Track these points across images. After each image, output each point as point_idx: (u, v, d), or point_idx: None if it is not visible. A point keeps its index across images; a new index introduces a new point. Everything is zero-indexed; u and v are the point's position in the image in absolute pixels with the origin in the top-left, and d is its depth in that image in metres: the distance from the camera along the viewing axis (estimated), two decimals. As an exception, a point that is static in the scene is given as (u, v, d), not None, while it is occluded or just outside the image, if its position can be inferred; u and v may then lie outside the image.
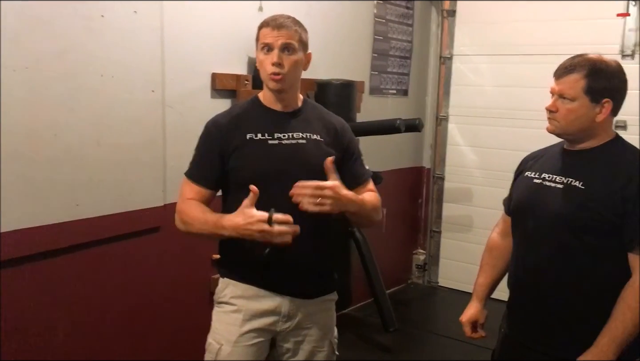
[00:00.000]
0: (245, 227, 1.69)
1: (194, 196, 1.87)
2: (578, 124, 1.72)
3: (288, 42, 1.79)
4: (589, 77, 1.69)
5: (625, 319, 1.63)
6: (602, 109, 1.70)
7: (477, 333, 2.04)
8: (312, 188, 1.70)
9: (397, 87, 4.45)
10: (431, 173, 4.83)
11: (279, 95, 1.87)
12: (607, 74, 1.71)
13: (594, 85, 1.69)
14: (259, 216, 1.68)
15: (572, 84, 1.70)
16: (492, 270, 2.05)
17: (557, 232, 1.74)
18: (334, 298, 2.04)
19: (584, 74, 1.70)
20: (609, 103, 1.70)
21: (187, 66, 2.85)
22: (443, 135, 4.74)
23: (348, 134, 1.99)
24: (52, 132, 2.32)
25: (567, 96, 1.71)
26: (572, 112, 1.71)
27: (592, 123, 1.72)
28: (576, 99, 1.70)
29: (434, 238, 4.88)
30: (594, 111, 1.71)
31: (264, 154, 1.83)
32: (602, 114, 1.71)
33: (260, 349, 1.90)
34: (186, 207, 1.86)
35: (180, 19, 2.78)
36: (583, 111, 1.71)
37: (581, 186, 1.72)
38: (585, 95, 1.69)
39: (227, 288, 1.93)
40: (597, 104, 1.70)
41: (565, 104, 1.72)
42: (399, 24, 4.36)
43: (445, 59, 4.65)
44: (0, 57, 2.13)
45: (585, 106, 1.70)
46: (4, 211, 2.20)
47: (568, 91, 1.71)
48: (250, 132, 1.85)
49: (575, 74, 1.71)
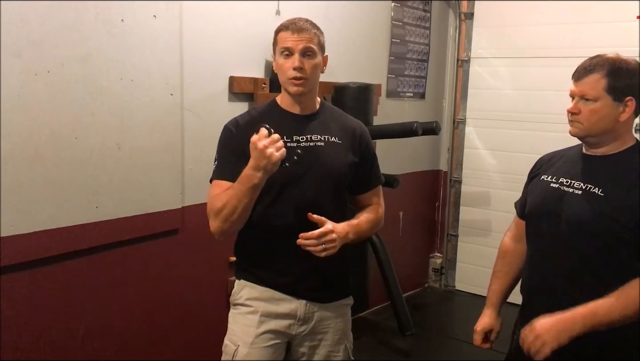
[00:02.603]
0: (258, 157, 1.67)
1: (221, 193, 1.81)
2: (602, 124, 1.69)
3: (308, 47, 1.79)
4: (609, 76, 1.66)
5: (616, 303, 1.58)
6: (626, 108, 1.67)
7: (487, 343, 2.01)
8: (316, 238, 1.73)
9: (414, 90, 4.44)
10: (448, 176, 4.80)
11: (298, 98, 1.87)
12: (628, 72, 1.67)
13: (616, 84, 1.65)
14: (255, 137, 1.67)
15: (593, 84, 1.67)
16: (506, 277, 2.02)
17: (574, 238, 1.71)
18: (349, 302, 2.04)
19: (604, 73, 1.66)
20: (632, 102, 1.67)
21: (205, 70, 2.87)
22: (460, 138, 4.72)
23: (366, 137, 1.99)
24: (74, 135, 2.36)
25: (589, 96, 1.67)
26: (595, 113, 1.67)
27: (615, 123, 1.68)
28: (598, 99, 1.66)
29: (451, 241, 4.86)
30: (617, 111, 1.67)
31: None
32: (626, 113, 1.67)
33: (276, 351, 1.91)
34: (214, 200, 1.81)
35: (199, 23, 2.81)
36: (606, 111, 1.67)
37: (600, 193, 1.68)
38: (608, 94, 1.66)
39: (244, 289, 1.94)
40: (620, 103, 1.67)
41: (587, 105, 1.68)
42: (416, 26, 4.35)
43: (463, 61, 4.63)
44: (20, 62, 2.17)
45: (608, 106, 1.67)
46: (27, 213, 2.24)
47: (589, 92, 1.67)
48: None
49: (595, 74, 1.67)
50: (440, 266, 4.87)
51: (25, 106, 2.19)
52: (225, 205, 1.76)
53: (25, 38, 2.17)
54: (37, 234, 2.27)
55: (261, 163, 1.67)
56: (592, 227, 1.68)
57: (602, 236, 1.67)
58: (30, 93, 2.20)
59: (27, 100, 2.20)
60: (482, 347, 2.02)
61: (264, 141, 1.66)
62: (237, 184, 1.75)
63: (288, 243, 1.79)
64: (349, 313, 2.04)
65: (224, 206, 1.77)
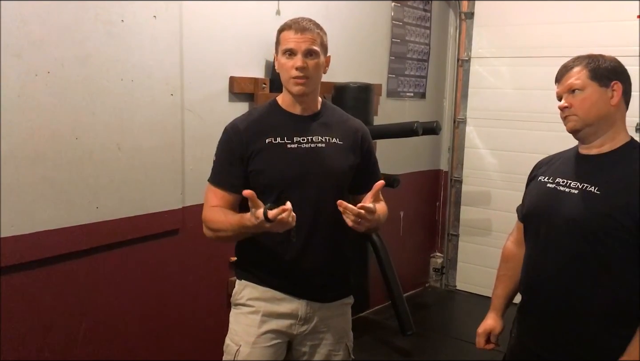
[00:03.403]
0: (259, 226, 1.67)
1: (218, 202, 1.86)
2: (595, 110, 1.71)
3: (311, 48, 1.79)
4: (589, 65, 1.72)
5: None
6: (614, 92, 1.71)
7: (489, 344, 2.03)
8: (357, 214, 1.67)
9: (414, 90, 4.44)
10: (449, 176, 4.80)
11: (300, 98, 1.86)
12: (606, 60, 1.74)
13: (597, 71, 1.71)
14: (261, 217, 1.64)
15: (576, 76, 1.72)
16: (509, 281, 2.02)
17: (571, 238, 1.71)
18: (349, 302, 2.04)
19: (584, 65, 1.73)
20: (618, 85, 1.71)
21: (205, 70, 2.87)
22: (461, 138, 4.72)
23: (367, 138, 1.98)
24: (74, 135, 2.36)
25: (576, 86, 1.72)
26: (587, 100, 1.71)
27: (608, 108, 1.71)
28: (586, 87, 1.71)
29: (451, 241, 4.86)
30: (606, 95, 1.71)
31: (283, 158, 1.83)
32: (615, 97, 1.71)
33: (278, 351, 1.91)
34: (210, 215, 1.87)
35: (199, 23, 2.81)
36: (596, 97, 1.71)
37: (597, 192, 1.68)
38: (593, 81, 1.71)
39: (245, 289, 1.94)
40: (607, 88, 1.71)
41: (577, 96, 1.72)
42: (417, 26, 4.35)
43: (463, 61, 4.63)
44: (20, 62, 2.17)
45: (597, 92, 1.71)
46: (27, 214, 2.24)
47: (575, 82, 1.72)
48: (269, 137, 1.84)
49: (575, 67, 1.74)
50: (441, 266, 4.87)
51: (25, 106, 2.20)
52: (220, 229, 1.85)
53: (25, 38, 2.17)
54: (37, 235, 2.27)
55: (263, 225, 1.65)
56: (589, 226, 1.68)
57: (600, 234, 1.67)
58: (30, 93, 2.20)
59: (27, 100, 2.20)
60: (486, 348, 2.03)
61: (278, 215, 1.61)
62: (234, 222, 1.78)
63: (289, 244, 1.79)
64: (349, 312, 2.04)
65: (219, 229, 1.86)
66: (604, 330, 1.68)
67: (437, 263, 4.89)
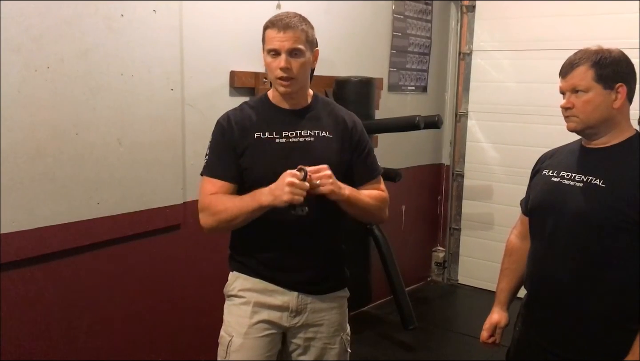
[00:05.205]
0: (278, 185, 1.67)
1: (217, 191, 1.85)
2: (597, 113, 1.70)
3: (295, 47, 1.78)
4: (595, 66, 1.68)
5: None
6: (618, 95, 1.69)
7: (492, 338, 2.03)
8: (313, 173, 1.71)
9: (416, 84, 4.43)
10: (451, 170, 4.80)
11: (287, 96, 1.87)
12: (613, 60, 1.70)
13: (603, 72, 1.68)
14: (290, 171, 1.67)
15: (581, 76, 1.69)
16: (513, 274, 2.03)
17: (577, 231, 1.71)
18: (345, 295, 2.03)
19: (590, 64, 1.69)
20: (622, 87, 1.68)
21: (206, 64, 2.86)
22: (463, 131, 4.71)
23: (358, 129, 1.96)
24: (74, 130, 2.35)
25: (580, 87, 1.69)
26: (589, 103, 1.69)
27: (610, 111, 1.69)
28: (590, 89, 1.68)
29: (453, 235, 4.86)
30: (610, 98, 1.69)
31: (271, 153, 1.83)
32: (619, 100, 1.69)
33: (271, 342, 1.91)
34: (213, 199, 1.83)
35: (199, 17, 2.80)
36: (599, 100, 1.68)
37: (602, 185, 1.68)
38: (597, 83, 1.68)
39: (237, 281, 1.94)
40: (611, 91, 1.68)
41: (580, 97, 1.70)
42: (418, 20, 4.33)
43: (465, 55, 4.61)
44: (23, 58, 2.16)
45: (601, 94, 1.68)
46: (27, 209, 2.23)
47: (580, 83, 1.69)
48: (258, 131, 1.85)
49: (581, 66, 1.70)
50: (443, 260, 4.87)
51: (25, 101, 2.19)
52: (226, 210, 1.79)
53: (25, 33, 2.16)
54: (38, 231, 2.27)
55: (276, 192, 1.68)
56: (594, 219, 1.68)
57: (605, 227, 1.66)
58: (30, 89, 2.20)
59: (27, 96, 2.19)
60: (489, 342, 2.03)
61: (292, 179, 1.65)
62: (247, 197, 1.77)
63: (281, 236, 1.81)
64: (345, 305, 2.03)
65: (224, 210, 1.80)
66: (611, 324, 1.67)
67: (439, 257, 4.89)
